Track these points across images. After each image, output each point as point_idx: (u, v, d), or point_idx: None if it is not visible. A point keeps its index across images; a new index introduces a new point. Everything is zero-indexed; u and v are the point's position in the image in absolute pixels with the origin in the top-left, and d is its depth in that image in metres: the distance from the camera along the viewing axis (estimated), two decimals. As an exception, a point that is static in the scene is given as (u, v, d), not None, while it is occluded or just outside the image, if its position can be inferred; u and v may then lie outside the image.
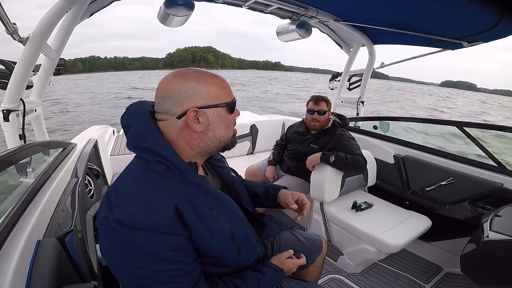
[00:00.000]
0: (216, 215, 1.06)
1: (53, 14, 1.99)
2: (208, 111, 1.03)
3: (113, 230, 0.88)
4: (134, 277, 0.90)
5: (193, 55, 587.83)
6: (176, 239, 0.94)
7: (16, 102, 2.09)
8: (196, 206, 1.00)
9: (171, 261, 0.92)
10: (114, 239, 0.90)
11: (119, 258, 0.91)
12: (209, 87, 1.04)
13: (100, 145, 2.75)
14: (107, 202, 0.95)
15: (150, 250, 0.89)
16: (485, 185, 2.49)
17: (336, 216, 2.67)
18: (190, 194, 1.00)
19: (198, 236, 0.99)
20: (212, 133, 1.07)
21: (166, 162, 0.98)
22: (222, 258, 1.10)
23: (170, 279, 0.92)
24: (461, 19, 2.47)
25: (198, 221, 0.99)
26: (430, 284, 2.53)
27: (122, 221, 0.87)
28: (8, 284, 0.91)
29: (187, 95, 1.00)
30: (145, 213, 0.90)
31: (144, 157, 0.99)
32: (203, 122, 1.02)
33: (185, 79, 1.02)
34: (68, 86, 50.10)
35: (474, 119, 28.03)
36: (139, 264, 0.89)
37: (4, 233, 1.08)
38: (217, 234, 1.05)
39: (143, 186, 0.95)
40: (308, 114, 2.92)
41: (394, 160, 3.18)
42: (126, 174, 1.03)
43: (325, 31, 3.98)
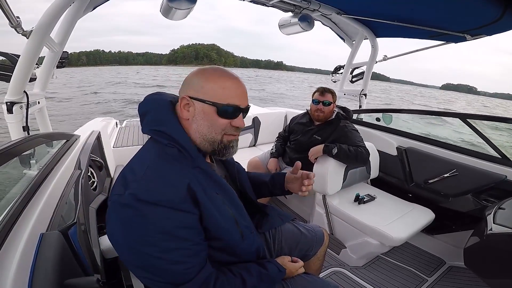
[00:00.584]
0: (221, 200, 1.10)
1: (56, 8, 1.99)
2: (197, 103, 1.06)
3: (128, 206, 0.90)
4: (145, 257, 0.91)
5: (196, 52, 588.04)
6: (188, 217, 0.97)
7: (19, 94, 2.10)
8: (206, 188, 1.05)
9: (182, 238, 0.95)
10: (128, 216, 0.91)
11: (131, 236, 0.92)
12: (208, 83, 1.06)
13: (103, 137, 2.75)
14: (122, 180, 0.97)
15: (163, 226, 0.91)
16: (489, 177, 2.48)
17: (339, 209, 2.67)
18: (200, 178, 1.05)
19: (209, 215, 1.03)
20: (195, 126, 1.09)
21: (179, 147, 1.03)
22: (229, 241, 1.13)
23: (180, 259, 0.94)
24: (465, 12, 2.45)
25: (209, 201, 1.03)
26: (433, 277, 2.53)
27: (138, 195, 0.90)
28: (12, 277, 0.91)
29: (188, 84, 1.08)
30: (160, 189, 0.93)
31: (159, 140, 1.05)
32: (191, 112, 1.07)
33: (199, 73, 1.09)
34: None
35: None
36: (151, 242, 0.90)
37: (8, 226, 1.08)
38: (225, 215, 1.09)
39: (158, 165, 0.99)
40: (313, 104, 2.92)
41: (397, 152, 3.18)
42: (141, 155, 1.07)
43: (328, 24, 3.96)
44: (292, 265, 1.38)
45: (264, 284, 1.18)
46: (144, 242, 0.90)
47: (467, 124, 2.70)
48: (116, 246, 0.98)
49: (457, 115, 2.82)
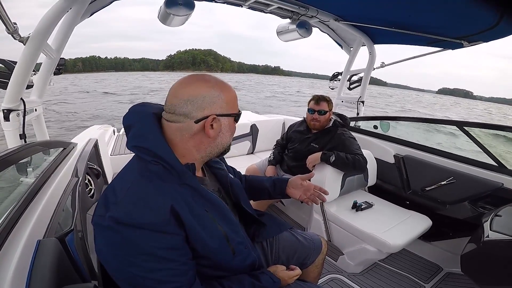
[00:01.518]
0: (211, 217, 1.07)
1: (53, 14, 1.99)
2: (223, 119, 1.08)
3: (108, 228, 0.89)
4: (131, 277, 0.90)
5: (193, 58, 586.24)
6: (172, 238, 0.95)
7: (16, 101, 2.09)
8: (193, 207, 1.01)
9: (167, 259, 0.92)
10: (109, 237, 0.90)
11: (115, 256, 0.91)
12: (228, 97, 1.08)
13: (101, 144, 2.76)
14: (103, 201, 0.95)
15: (145, 248, 0.89)
16: (486, 185, 2.49)
17: (336, 216, 2.67)
18: (187, 196, 1.02)
19: (196, 235, 1.00)
20: (219, 140, 1.10)
21: (164, 163, 0.99)
22: (218, 259, 1.11)
23: (166, 279, 0.92)
24: (462, 19, 2.47)
25: (195, 221, 1.00)
26: (431, 284, 2.53)
27: (117, 218, 0.88)
28: (9, 284, 0.91)
29: (210, 101, 1.03)
30: (141, 211, 0.90)
31: (142, 157, 1.00)
32: (216, 129, 1.06)
33: (210, 86, 1.05)
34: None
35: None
36: (135, 263, 0.89)
37: (5, 233, 1.08)
38: (214, 234, 1.06)
39: (140, 185, 0.96)
40: (309, 113, 2.92)
41: (395, 160, 3.18)
42: (124, 174, 1.04)
43: (325, 31, 3.98)
44: (286, 273, 1.36)
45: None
46: (128, 262, 0.89)
47: (464, 132, 2.71)
48: (105, 265, 0.97)
49: (454, 122, 2.84)
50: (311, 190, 1.64)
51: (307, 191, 1.64)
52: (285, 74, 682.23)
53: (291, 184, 1.67)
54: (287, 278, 1.35)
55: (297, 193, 1.65)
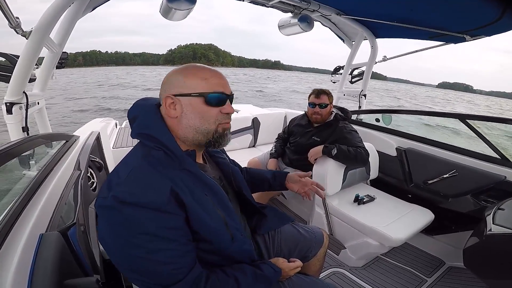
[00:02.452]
0: (211, 202, 1.10)
1: (55, 8, 1.99)
2: (182, 99, 1.09)
3: (111, 208, 0.91)
4: (132, 260, 0.92)
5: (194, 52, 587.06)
6: (173, 218, 0.97)
7: (19, 95, 2.10)
8: (193, 190, 1.05)
9: (168, 239, 0.95)
10: (111, 217, 0.92)
11: (117, 238, 0.92)
12: (189, 77, 1.10)
13: (103, 137, 2.75)
14: (107, 183, 0.98)
15: (147, 228, 0.92)
16: (488, 178, 2.49)
17: (338, 210, 2.67)
18: (187, 180, 1.06)
19: (197, 217, 1.03)
20: (185, 121, 1.10)
21: (165, 149, 1.04)
22: (218, 243, 1.13)
23: (167, 260, 0.94)
24: (464, 13, 2.46)
25: (196, 204, 1.03)
26: (433, 278, 2.53)
27: (120, 197, 0.91)
28: (11, 278, 0.91)
29: (170, 83, 1.11)
30: (143, 191, 0.94)
31: (146, 143, 1.06)
32: (178, 109, 1.09)
33: (176, 71, 1.12)
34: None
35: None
36: (136, 244, 0.91)
37: (7, 226, 1.08)
38: (214, 217, 1.10)
39: (142, 167, 1.00)
40: (310, 107, 2.92)
41: (397, 153, 3.18)
42: (127, 159, 1.08)
43: (327, 25, 3.96)
44: (287, 265, 1.37)
45: (259, 285, 1.18)
46: (129, 244, 0.91)
47: (466, 125, 2.71)
48: (106, 250, 0.99)
49: (456, 115, 2.83)
50: (309, 185, 1.70)
51: (305, 185, 1.70)
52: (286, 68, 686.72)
53: (290, 179, 1.74)
54: (287, 270, 1.35)
55: (295, 186, 1.71)
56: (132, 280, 1.00)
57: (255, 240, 1.54)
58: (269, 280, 1.23)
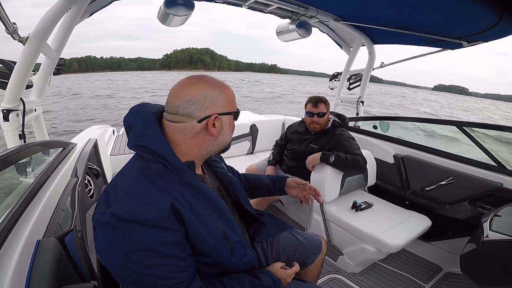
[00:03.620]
0: (210, 215, 1.08)
1: (53, 14, 1.99)
2: (224, 118, 1.11)
3: (109, 225, 0.89)
4: (132, 273, 0.91)
5: (190, 56, 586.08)
6: (172, 234, 0.96)
7: (16, 101, 2.09)
8: (192, 205, 1.02)
9: (167, 255, 0.93)
10: (110, 234, 0.91)
11: (115, 253, 0.91)
12: (227, 96, 1.12)
13: (100, 145, 2.75)
14: (104, 198, 0.96)
15: (146, 244, 0.90)
16: (485, 185, 2.49)
17: (336, 216, 2.67)
18: (186, 194, 1.03)
19: (195, 232, 1.01)
20: (221, 138, 1.14)
21: (164, 162, 1.00)
22: (217, 257, 1.12)
23: (167, 275, 0.93)
24: (461, 19, 2.47)
25: (195, 218, 1.01)
26: (430, 284, 2.53)
27: (118, 215, 0.89)
28: (8, 284, 0.91)
29: (211, 101, 1.07)
30: (141, 208, 0.92)
31: (143, 155, 1.02)
32: (218, 127, 1.09)
33: (211, 86, 1.08)
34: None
35: None
36: (135, 259, 0.90)
37: (4, 233, 1.08)
38: (213, 231, 1.08)
39: (141, 182, 0.97)
40: (307, 116, 2.91)
41: (394, 160, 3.18)
42: (124, 172, 1.05)
43: (325, 31, 3.98)
44: (283, 272, 1.37)
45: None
46: (128, 258, 0.90)
47: (463, 132, 2.71)
48: (105, 262, 0.98)
49: (453, 123, 2.84)
50: (307, 190, 1.72)
51: (304, 190, 1.72)
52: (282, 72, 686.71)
53: (288, 185, 1.76)
54: (285, 277, 1.35)
55: (294, 191, 1.73)
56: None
57: (254, 248, 1.53)
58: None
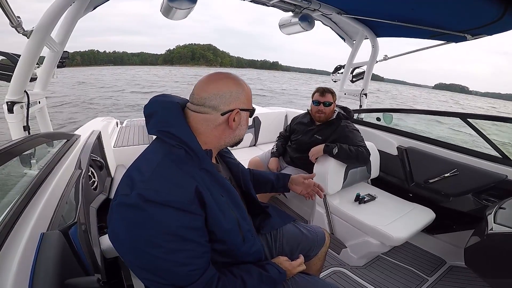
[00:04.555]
0: (226, 202, 1.11)
1: (57, 7, 1.99)
2: (243, 113, 1.18)
3: (135, 206, 0.90)
4: (150, 259, 0.91)
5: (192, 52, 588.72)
6: (195, 218, 0.98)
7: (20, 94, 2.10)
8: (211, 190, 1.06)
9: (188, 240, 0.95)
10: (133, 216, 0.91)
11: (137, 237, 0.91)
12: (248, 94, 1.19)
13: (104, 136, 2.76)
14: (128, 180, 0.98)
15: (170, 227, 0.92)
16: (489, 177, 2.48)
17: (339, 209, 2.68)
18: (206, 180, 1.07)
19: (214, 217, 1.04)
20: (238, 131, 1.20)
21: (186, 148, 1.04)
22: (231, 244, 1.15)
23: (185, 260, 0.95)
24: (465, 12, 2.45)
25: (214, 203, 1.05)
26: (434, 277, 2.53)
27: (145, 196, 0.90)
28: (13, 277, 0.91)
29: (236, 97, 1.13)
30: (169, 189, 0.94)
31: (167, 140, 1.05)
32: (237, 121, 1.15)
33: (235, 84, 1.15)
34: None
35: None
36: (157, 243, 0.90)
37: (9, 225, 1.08)
38: (228, 217, 1.11)
39: (166, 165, 1.00)
40: (314, 105, 2.92)
41: (398, 152, 3.18)
42: (147, 156, 1.09)
43: (328, 24, 3.96)
44: (289, 263, 1.39)
45: (265, 286, 1.19)
46: (150, 243, 0.90)
47: (467, 124, 2.70)
48: (119, 248, 0.98)
49: (458, 114, 2.82)
50: (311, 187, 1.78)
51: (308, 187, 1.76)
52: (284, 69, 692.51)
53: (293, 181, 1.81)
54: (291, 269, 1.37)
55: (298, 188, 1.78)
56: (143, 279, 0.99)
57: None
58: (274, 281, 1.25)
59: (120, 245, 0.97)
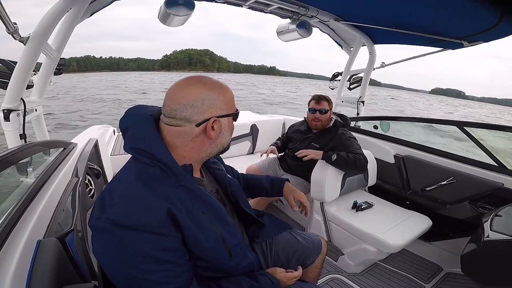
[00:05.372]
0: (208, 219, 1.08)
1: (53, 14, 1.99)
2: (222, 120, 1.10)
3: (104, 230, 0.89)
4: (129, 278, 0.91)
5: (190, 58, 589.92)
6: (168, 240, 0.95)
7: (16, 101, 2.09)
8: (190, 209, 1.02)
9: (163, 261, 0.93)
10: (105, 239, 0.90)
11: (112, 258, 0.91)
12: (226, 97, 1.10)
13: (101, 144, 2.75)
14: (100, 203, 0.96)
15: (141, 250, 0.90)
16: (486, 185, 2.49)
17: (337, 216, 2.67)
18: (184, 198, 1.02)
19: (192, 237, 1.01)
20: (220, 140, 1.13)
21: (161, 165, 0.99)
22: (215, 260, 1.12)
23: (164, 280, 0.93)
24: (462, 19, 2.47)
25: (191, 223, 1.00)
26: (431, 284, 2.53)
27: (113, 220, 0.88)
28: (9, 284, 0.91)
29: (210, 104, 1.05)
30: (137, 213, 0.91)
31: (140, 159, 1.00)
32: (217, 130, 1.07)
33: (208, 88, 1.05)
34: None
35: None
36: (131, 264, 0.89)
37: (5, 233, 1.08)
38: (210, 236, 1.07)
39: (137, 187, 0.96)
40: (310, 113, 2.93)
41: (395, 160, 3.18)
42: (121, 176, 1.04)
43: (326, 31, 3.98)
44: (284, 275, 1.38)
45: None
46: (125, 264, 0.90)
47: (464, 132, 2.71)
48: (102, 264, 0.98)
49: (454, 123, 2.84)
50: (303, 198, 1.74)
51: (300, 196, 1.73)
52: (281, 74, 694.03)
53: (285, 191, 1.77)
54: (285, 280, 1.36)
55: (290, 197, 1.72)
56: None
57: (253, 249, 1.52)
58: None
59: (102, 264, 0.98)
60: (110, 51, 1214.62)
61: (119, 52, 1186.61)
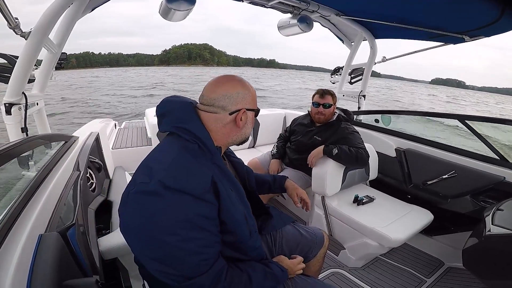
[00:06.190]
0: (234, 196, 1.19)
1: (55, 9, 1.99)
2: (249, 113, 1.25)
3: (153, 193, 0.94)
4: (164, 247, 0.94)
5: (189, 52, 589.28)
6: (209, 207, 1.03)
7: (18, 95, 2.10)
8: (224, 183, 1.13)
9: (202, 228, 1.00)
10: (151, 204, 0.94)
11: (153, 225, 0.93)
12: (253, 95, 1.27)
13: (102, 138, 2.76)
14: (146, 170, 1.03)
15: (186, 215, 0.96)
16: (487, 179, 2.49)
17: (338, 210, 2.68)
18: (218, 174, 1.12)
19: (226, 207, 1.09)
20: (244, 130, 1.27)
21: (200, 143, 1.11)
22: (240, 236, 1.19)
23: (198, 249, 0.98)
24: (463, 14, 2.46)
25: (226, 194, 1.10)
26: (432, 278, 2.53)
27: (165, 182, 0.95)
28: (10, 279, 0.91)
29: (242, 97, 1.21)
30: (187, 178, 0.99)
31: (182, 135, 1.12)
32: (243, 120, 1.22)
33: (242, 85, 1.23)
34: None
35: None
36: (172, 230, 0.94)
37: (6, 227, 1.08)
38: (238, 210, 1.17)
39: (184, 156, 1.06)
40: (314, 106, 2.94)
41: (396, 154, 3.18)
42: (163, 148, 1.14)
43: (327, 26, 3.97)
44: (291, 261, 1.45)
45: (268, 282, 1.23)
46: (165, 231, 0.93)
47: (465, 126, 2.71)
48: (132, 239, 1.00)
49: (455, 116, 2.83)
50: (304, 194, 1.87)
51: (301, 193, 1.86)
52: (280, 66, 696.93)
53: (287, 187, 1.90)
54: (292, 267, 1.43)
55: (292, 194, 1.86)
56: (154, 271, 0.99)
57: None
58: (277, 279, 1.28)
59: (133, 236, 0.99)
60: (108, 47, 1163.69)
61: (117, 48, 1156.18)
